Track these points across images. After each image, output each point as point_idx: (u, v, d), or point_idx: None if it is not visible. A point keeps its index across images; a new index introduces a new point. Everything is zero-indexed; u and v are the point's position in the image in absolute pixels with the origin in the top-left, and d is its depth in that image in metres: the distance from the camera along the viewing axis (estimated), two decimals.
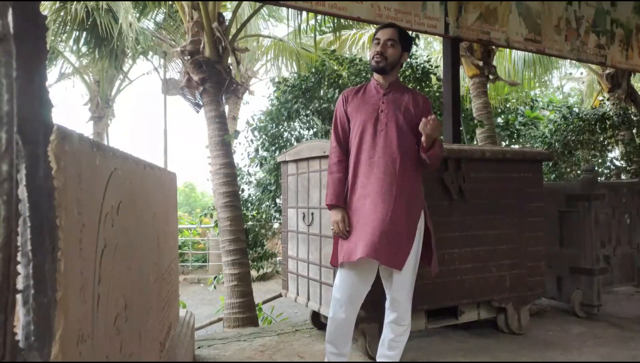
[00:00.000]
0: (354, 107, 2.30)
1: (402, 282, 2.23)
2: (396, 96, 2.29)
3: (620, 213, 3.89)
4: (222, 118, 5.87)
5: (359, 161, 2.23)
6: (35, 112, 0.71)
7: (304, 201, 2.98)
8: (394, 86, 2.32)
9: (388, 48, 2.24)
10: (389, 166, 2.17)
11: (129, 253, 1.25)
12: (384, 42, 2.25)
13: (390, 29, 2.28)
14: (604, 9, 5.45)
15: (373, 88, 2.32)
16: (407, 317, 2.28)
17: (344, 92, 2.38)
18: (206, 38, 5.75)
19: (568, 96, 16.73)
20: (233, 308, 5.46)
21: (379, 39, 2.26)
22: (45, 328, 0.70)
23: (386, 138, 2.20)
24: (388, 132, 2.20)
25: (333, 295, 2.26)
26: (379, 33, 2.28)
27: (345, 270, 2.21)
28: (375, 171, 2.18)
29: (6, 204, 0.66)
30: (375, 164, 2.19)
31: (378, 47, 2.25)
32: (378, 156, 2.19)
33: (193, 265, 12.71)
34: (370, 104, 2.28)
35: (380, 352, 2.33)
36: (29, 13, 0.71)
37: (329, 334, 2.27)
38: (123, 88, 13.70)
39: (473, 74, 6.88)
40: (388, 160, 2.18)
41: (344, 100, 2.34)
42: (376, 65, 2.26)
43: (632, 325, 3.42)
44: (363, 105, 2.28)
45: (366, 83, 2.39)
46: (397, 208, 2.14)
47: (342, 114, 2.33)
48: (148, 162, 1.63)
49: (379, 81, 2.32)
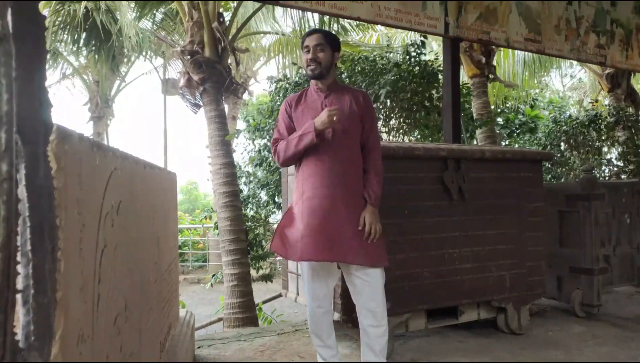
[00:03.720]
0: (298, 114, 2.33)
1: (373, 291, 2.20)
2: (337, 96, 2.32)
3: (620, 213, 3.89)
4: (222, 118, 5.87)
5: (308, 163, 2.25)
6: (35, 112, 0.71)
7: None
8: (333, 87, 2.36)
9: (319, 53, 2.27)
10: (337, 167, 2.21)
11: (129, 253, 1.25)
12: (313, 49, 2.27)
13: (316, 35, 2.31)
14: (604, 9, 5.45)
15: (314, 93, 2.36)
16: (385, 319, 2.25)
17: (287, 99, 2.41)
18: (206, 38, 5.75)
19: (569, 97, 16.75)
20: (233, 308, 5.46)
21: (308, 46, 2.29)
22: (45, 328, 0.70)
23: (333, 139, 2.23)
24: (336, 134, 2.23)
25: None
26: (307, 40, 2.31)
27: (305, 264, 2.28)
28: (326, 172, 2.20)
29: (6, 204, 0.66)
30: (324, 165, 2.21)
31: (309, 54, 2.28)
32: (327, 157, 2.21)
33: (193, 265, 12.71)
34: (313, 108, 2.30)
35: (365, 357, 2.29)
36: (29, 13, 0.71)
37: (310, 326, 2.35)
38: (122, 88, 13.72)
39: (473, 74, 6.88)
40: (336, 161, 2.22)
41: (288, 105, 2.37)
42: (312, 73, 2.29)
43: (632, 325, 3.42)
44: (307, 110, 2.31)
45: (306, 89, 2.42)
46: (346, 208, 2.18)
47: (287, 118, 2.35)
48: (148, 162, 1.63)
49: (318, 85, 2.35)
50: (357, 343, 2.74)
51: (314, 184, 2.20)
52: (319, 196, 2.17)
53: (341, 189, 2.19)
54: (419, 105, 5.16)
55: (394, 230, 2.70)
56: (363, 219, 2.19)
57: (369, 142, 2.31)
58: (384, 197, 2.36)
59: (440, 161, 2.90)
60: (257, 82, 14.39)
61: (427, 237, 2.83)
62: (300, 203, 2.22)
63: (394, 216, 2.70)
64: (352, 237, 2.15)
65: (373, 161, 2.30)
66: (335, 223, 2.15)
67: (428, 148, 2.88)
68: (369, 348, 2.24)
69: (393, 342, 2.74)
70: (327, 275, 2.29)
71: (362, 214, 2.20)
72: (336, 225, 2.15)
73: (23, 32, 0.69)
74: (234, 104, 12.66)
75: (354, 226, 2.17)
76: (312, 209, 2.17)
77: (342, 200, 2.18)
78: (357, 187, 2.24)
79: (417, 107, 5.16)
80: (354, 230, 2.16)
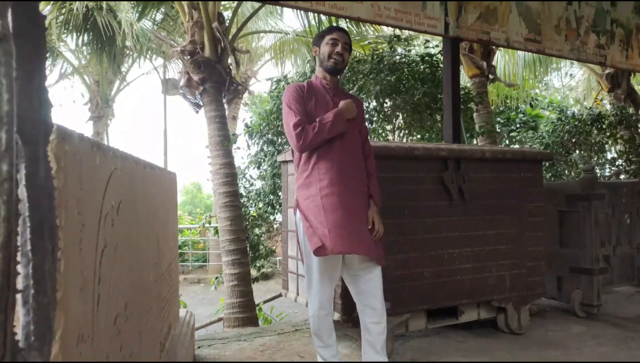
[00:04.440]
0: (311, 105, 2.26)
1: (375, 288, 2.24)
2: (342, 98, 2.32)
3: (620, 213, 3.89)
4: (222, 118, 5.87)
5: (324, 159, 2.21)
6: (35, 112, 0.71)
7: None
8: (337, 88, 2.38)
9: (344, 52, 2.28)
10: (351, 165, 2.24)
11: (129, 253, 1.25)
12: (342, 45, 2.26)
13: (346, 34, 2.32)
14: (604, 9, 5.45)
15: (322, 88, 2.32)
16: (384, 316, 2.27)
17: (295, 86, 2.32)
18: (206, 38, 5.75)
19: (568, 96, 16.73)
20: (233, 308, 5.46)
21: (337, 40, 2.26)
22: (45, 328, 0.70)
23: (347, 139, 2.24)
24: (347, 134, 2.24)
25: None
26: (336, 34, 2.28)
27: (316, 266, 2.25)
28: (344, 169, 2.21)
29: (6, 204, 0.66)
30: (342, 162, 2.21)
31: (337, 47, 2.26)
32: (343, 154, 2.22)
33: (193, 265, 12.71)
34: (325, 102, 2.28)
35: (366, 356, 2.31)
36: (29, 13, 0.71)
37: (312, 327, 2.34)
38: (123, 88, 13.71)
39: (473, 74, 6.88)
40: (350, 159, 2.24)
41: (300, 91, 2.28)
42: (335, 66, 2.27)
43: (632, 325, 3.42)
44: (318, 104, 2.27)
45: (309, 82, 2.37)
46: (359, 205, 2.22)
47: (302, 103, 2.25)
48: (148, 162, 1.63)
49: (326, 79, 2.33)
50: (357, 343, 2.74)
51: (332, 180, 2.18)
52: (337, 192, 2.17)
53: (355, 186, 2.23)
54: (423, 106, 5.15)
55: (394, 229, 2.70)
56: (372, 218, 2.23)
57: (366, 146, 2.37)
58: (384, 197, 2.39)
59: (440, 161, 2.90)
60: (258, 81, 14.41)
61: (427, 237, 2.83)
62: (319, 199, 2.19)
63: (394, 216, 2.70)
64: (367, 233, 2.20)
65: (372, 163, 2.36)
66: (354, 219, 2.18)
67: (428, 148, 2.88)
68: (371, 346, 2.25)
69: (393, 342, 2.74)
70: (334, 276, 2.29)
71: (369, 213, 2.24)
72: (355, 220, 2.18)
73: (23, 32, 0.69)
74: (234, 104, 12.66)
75: (367, 223, 2.22)
76: (334, 205, 2.16)
77: (357, 197, 2.22)
78: (365, 186, 2.29)
79: (422, 108, 5.16)
80: (367, 227, 2.21)
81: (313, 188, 2.22)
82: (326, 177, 2.20)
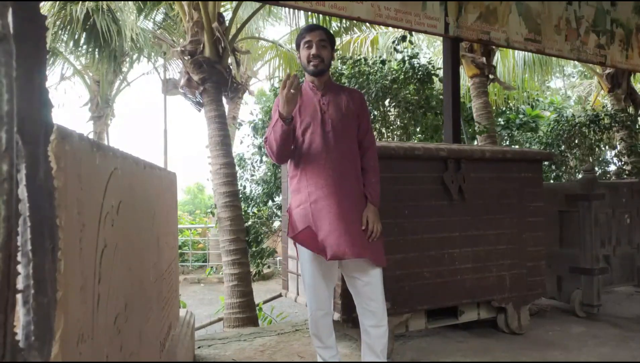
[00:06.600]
0: (297, 108, 2.24)
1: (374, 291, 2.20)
2: (333, 96, 2.29)
3: (620, 213, 3.89)
4: (222, 118, 5.87)
5: (309, 163, 2.21)
6: (35, 112, 0.71)
7: None
8: (329, 86, 2.32)
9: (321, 50, 2.23)
10: (338, 166, 2.19)
11: (129, 253, 1.25)
12: (317, 44, 2.22)
13: (319, 31, 2.27)
14: (604, 9, 5.45)
15: (309, 90, 2.30)
16: (385, 319, 2.24)
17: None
18: (206, 38, 5.75)
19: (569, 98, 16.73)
20: (233, 308, 5.46)
21: (310, 42, 2.23)
22: (45, 328, 0.70)
23: (334, 139, 2.20)
24: (335, 133, 2.21)
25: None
26: (308, 35, 2.24)
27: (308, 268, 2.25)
28: (328, 172, 2.17)
29: (6, 204, 0.66)
30: (326, 165, 2.18)
31: (312, 49, 2.22)
32: (327, 157, 2.19)
33: (193, 265, 12.71)
34: (310, 106, 2.26)
35: (365, 358, 2.29)
36: (29, 13, 0.71)
37: (310, 327, 2.33)
38: (123, 88, 13.71)
39: (473, 74, 6.88)
40: (337, 160, 2.19)
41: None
42: (315, 69, 2.24)
43: (632, 325, 3.42)
44: (303, 107, 2.25)
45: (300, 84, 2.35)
46: (350, 207, 2.17)
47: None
48: (148, 162, 1.63)
49: (314, 82, 2.30)
50: (357, 343, 2.74)
51: (317, 184, 2.18)
52: (324, 196, 2.15)
53: (345, 186, 2.18)
54: (416, 105, 5.19)
55: (394, 229, 2.70)
56: (366, 218, 2.19)
57: (365, 141, 2.31)
58: (383, 197, 2.36)
59: (440, 161, 2.90)
60: (258, 81, 14.40)
61: (427, 237, 2.83)
62: (308, 206, 2.18)
63: (394, 216, 2.70)
64: (360, 235, 2.16)
65: (370, 160, 2.30)
66: (344, 222, 2.14)
67: (428, 148, 2.88)
68: (370, 349, 2.24)
69: (393, 342, 2.74)
70: (329, 277, 2.28)
71: (364, 213, 2.20)
72: (345, 223, 2.14)
73: (23, 32, 0.70)
74: (234, 104, 12.66)
75: (359, 225, 2.17)
76: (322, 211, 2.15)
77: (346, 199, 2.17)
78: (357, 185, 2.24)
79: (414, 107, 5.19)
80: (359, 228, 2.17)
81: (302, 194, 2.22)
82: (312, 182, 2.19)
